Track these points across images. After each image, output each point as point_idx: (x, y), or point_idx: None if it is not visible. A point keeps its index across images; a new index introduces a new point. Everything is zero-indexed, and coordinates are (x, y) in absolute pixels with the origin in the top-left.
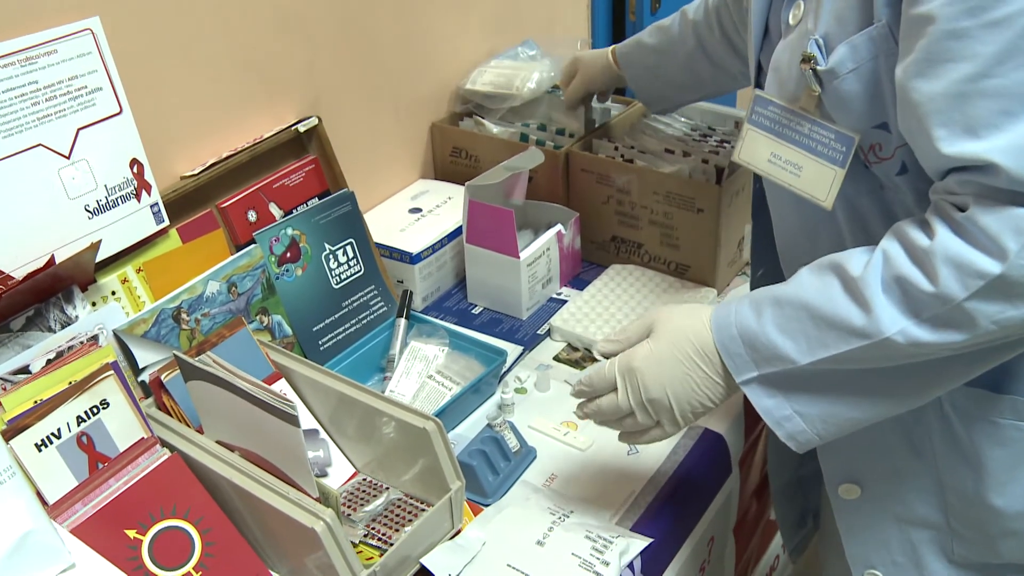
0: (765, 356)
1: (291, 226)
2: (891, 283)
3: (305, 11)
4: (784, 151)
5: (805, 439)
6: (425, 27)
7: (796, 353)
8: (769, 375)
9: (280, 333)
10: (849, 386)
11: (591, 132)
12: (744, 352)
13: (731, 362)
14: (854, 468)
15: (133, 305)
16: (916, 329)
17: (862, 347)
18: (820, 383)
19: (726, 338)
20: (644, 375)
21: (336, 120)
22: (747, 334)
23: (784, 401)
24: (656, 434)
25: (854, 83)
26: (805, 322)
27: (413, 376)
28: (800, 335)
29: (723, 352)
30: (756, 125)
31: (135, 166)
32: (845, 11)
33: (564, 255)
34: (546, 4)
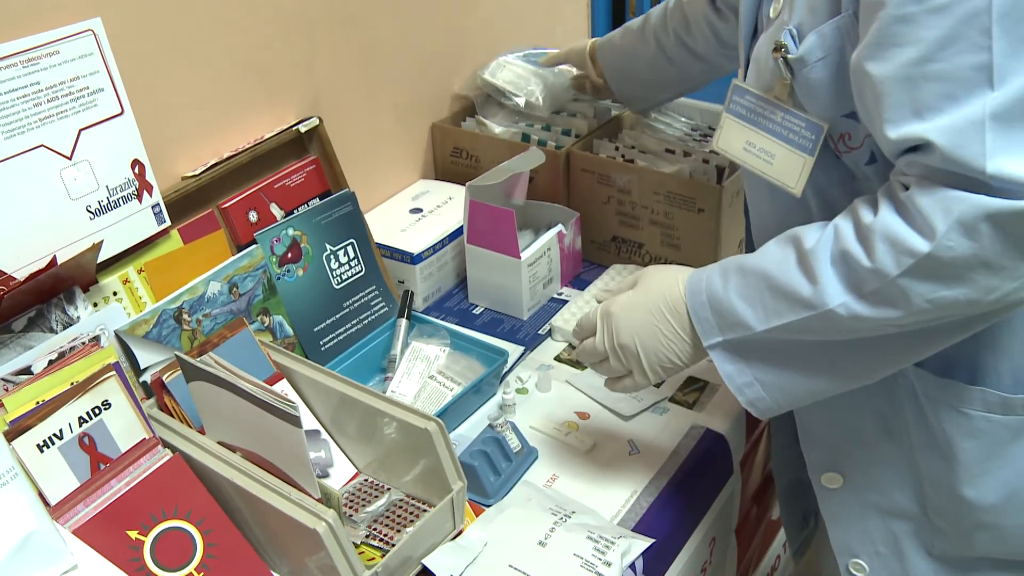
0: (728, 322)
1: (292, 226)
2: (837, 257)
3: (306, 11)
4: (758, 139)
5: (764, 406)
6: (425, 27)
7: (754, 320)
8: (732, 341)
9: (281, 333)
10: (803, 357)
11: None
12: (711, 317)
13: (699, 326)
14: (836, 457)
15: (135, 306)
16: (856, 303)
17: (809, 317)
18: (777, 352)
19: (696, 302)
20: (618, 320)
21: (337, 120)
22: (714, 299)
23: (745, 367)
24: (628, 383)
25: (822, 71)
26: (763, 290)
27: (414, 376)
28: (758, 303)
29: (692, 315)
30: (733, 114)
31: (136, 167)
32: (816, 2)
33: (565, 255)
34: (546, 5)
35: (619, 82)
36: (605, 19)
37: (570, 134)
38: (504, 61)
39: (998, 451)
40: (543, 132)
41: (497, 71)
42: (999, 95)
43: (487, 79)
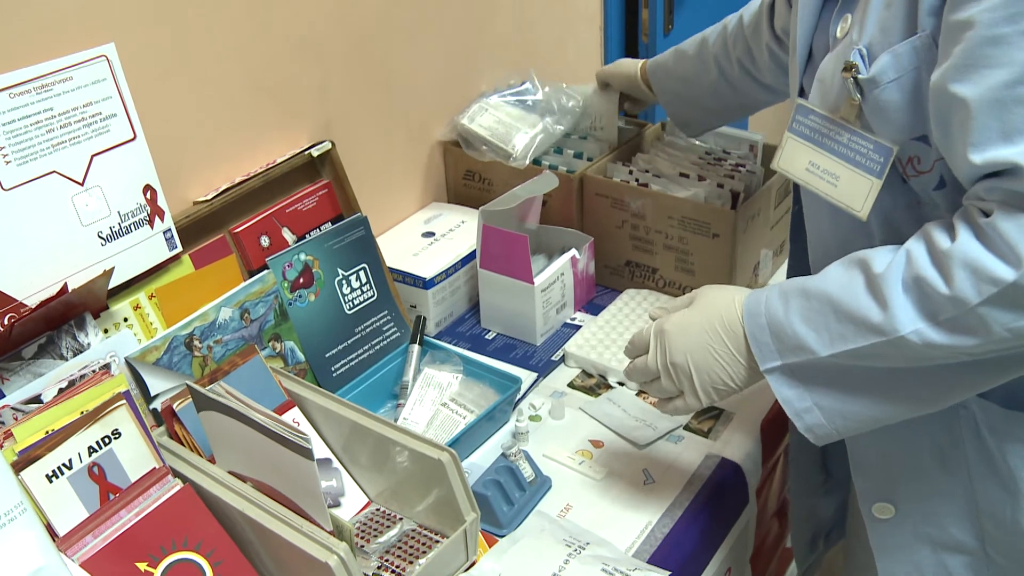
0: (789, 346)
1: (304, 251)
2: (910, 283)
3: (318, 35)
4: (822, 160)
5: (823, 432)
6: (437, 50)
7: (817, 344)
8: (792, 365)
9: (293, 359)
10: (867, 383)
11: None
12: (770, 340)
13: (757, 349)
14: (889, 488)
15: (145, 332)
16: (931, 331)
17: (878, 343)
18: (840, 377)
19: (754, 325)
20: (672, 339)
21: (349, 144)
22: (774, 323)
23: (805, 392)
24: (679, 404)
25: (895, 93)
26: (828, 315)
27: (427, 403)
28: (823, 327)
29: (750, 337)
30: (796, 134)
31: (148, 192)
32: (889, 21)
33: (578, 280)
34: (559, 25)
35: (676, 106)
36: (618, 39)
37: (582, 157)
38: (486, 104)
39: None
40: (555, 156)
41: (477, 116)
42: None
43: (466, 126)
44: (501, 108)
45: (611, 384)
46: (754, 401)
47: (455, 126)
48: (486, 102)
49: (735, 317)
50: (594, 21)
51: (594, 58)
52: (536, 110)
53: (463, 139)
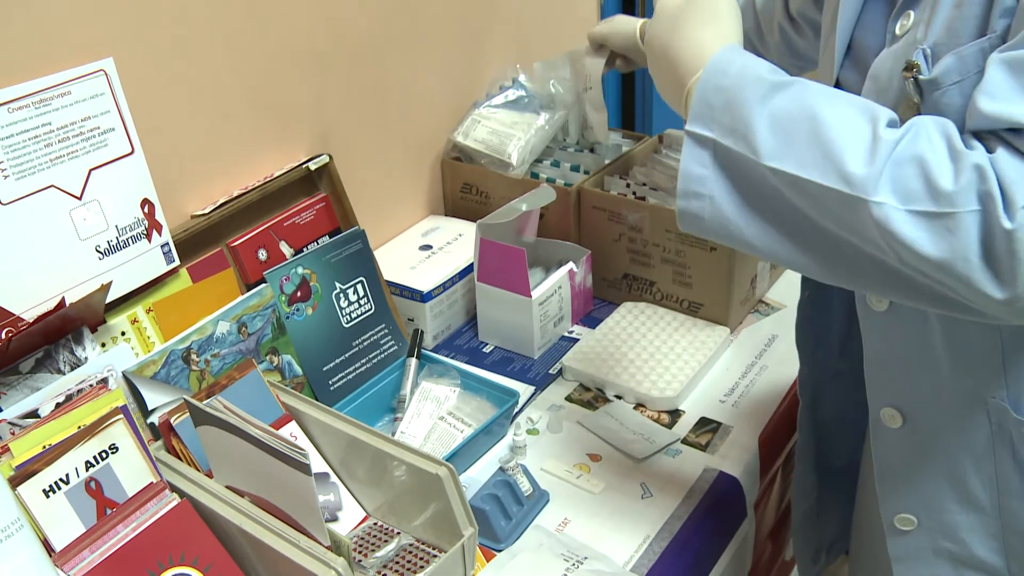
0: (734, 129)
1: (301, 265)
2: (907, 158)
3: (315, 49)
4: None
5: (695, 225)
6: (435, 62)
7: (767, 150)
8: (722, 147)
9: (290, 373)
10: (773, 212)
11: (609, 164)
12: (719, 108)
13: (698, 107)
14: (913, 499)
15: (143, 345)
16: (896, 213)
17: (832, 190)
18: (753, 188)
19: (712, 84)
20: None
21: (346, 157)
22: (736, 96)
23: (711, 178)
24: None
25: (956, 96)
26: (801, 130)
27: (424, 417)
28: (784, 137)
29: (699, 90)
30: None
31: (146, 206)
32: (958, 22)
33: (576, 293)
34: (557, 35)
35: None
36: None
37: (579, 170)
38: (478, 116)
39: None
40: (553, 169)
41: (471, 130)
42: None
43: (461, 142)
44: (493, 117)
45: (609, 397)
46: (753, 415)
47: (451, 144)
48: (478, 114)
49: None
50: None
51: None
52: (529, 108)
53: (463, 155)
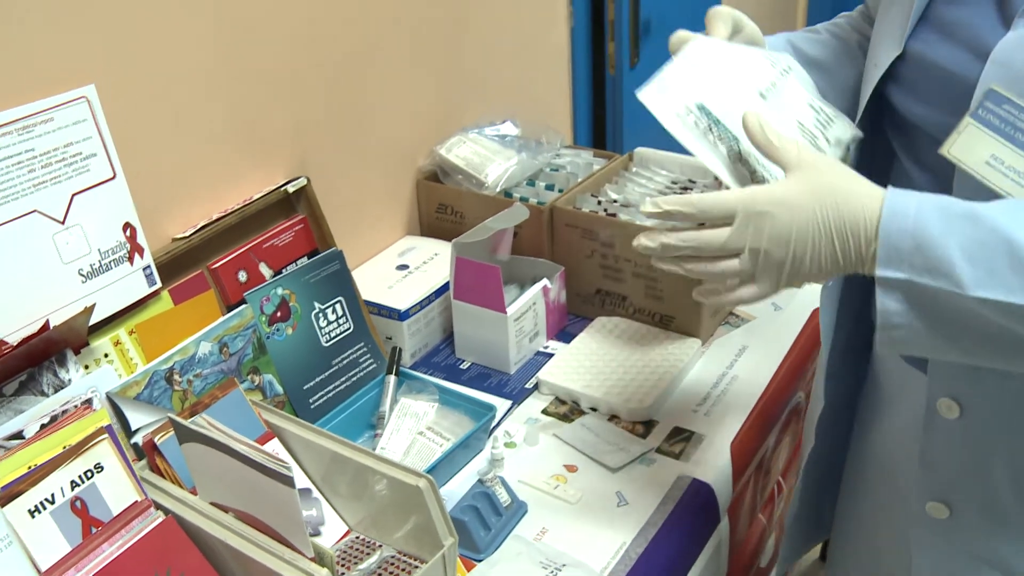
0: (930, 266)
1: (281, 286)
2: None
3: (294, 74)
4: (1010, 157)
5: (894, 350)
6: (410, 87)
7: (969, 280)
8: (918, 285)
9: (271, 392)
10: (974, 332)
11: (581, 182)
12: (908, 250)
13: (886, 252)
14: (948, 488)
15: (126, 367)
16: None
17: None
18: (953, 316)
19: (896, 227)
20: (773, 221)
21: (324, 179)
22: (923, 235)
23: (909, 312)
24: (745, 293)
25: None
26: (1000, 256)
27: (404, 432)
28: (985, 265)
29: (883, 237)
30: (982, 122)
31: (128, 230)
32: None
33: (550, 309)
34: (529, 59)
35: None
36: (585, 73)
37: (553, 189)
38: (465, 137)
39: None
40: (527, 188)
41: (455, 147)
42: None
43: (443, 155)
44: (479, 141)
45: (584, 410)
46: (725, 424)
47: (433, 155)
48: (465, 135)
49: (860, 209)
50: (562, 55)
51: (563, 90)
52: (514, 145)
53: (440, 169)
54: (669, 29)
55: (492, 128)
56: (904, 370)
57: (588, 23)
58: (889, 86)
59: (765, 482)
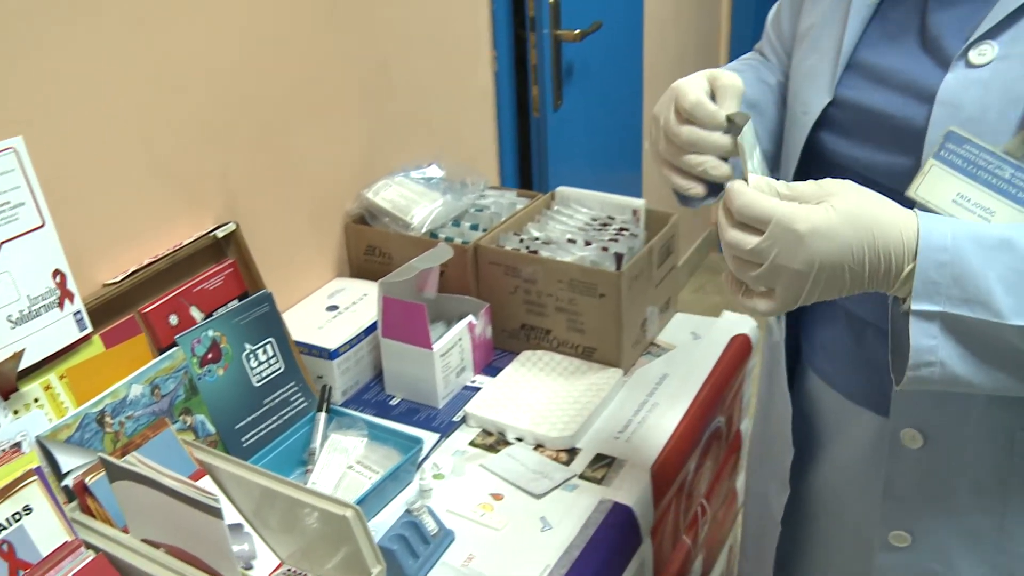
0: (967, 297)
1: (212, 328)
2: None
3: (221, 121)
4: (975, 194)
5: (919, 386)
6: (338, 131)
7: (1009, 310)
8: (954, 317)
9: (203, 432)
10: (1009, 362)
11: (504, 221)
12: (946, 283)
13: (922, 285)
14: (915, 518)
15: (56, 411)
16: None
17: None
18: (990, 346)
19: (932, 260)
20: (807, 244)
21: (254, 224)
22: (961, 266)
23: (941, 346)
24: (761, 304)
25: None
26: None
27: (334, 468)
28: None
29: (920, 271)
30: (945, 162)
31: (58, 276)
32: None
33: (476, 344)
34: (455, 103)
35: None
36: (510, 116)
37: (478, 228)
38: (391, 181)
39: None
40: (453, 228)
41: (382, 190)
42: None
43: (370, 199)
44: (405, 184)
45: (510, 440)
46: (645, 449)
47: (361, 199)
48: (391, 179)
49: (898, 240)
50: (487, 99)
51: (489, 133)
52: (439, 188)
53: (368, 212)
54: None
55: (418, 171)
56: (840, 406)
57: (511, 68)
58: (820, 132)
59: (688, 505)
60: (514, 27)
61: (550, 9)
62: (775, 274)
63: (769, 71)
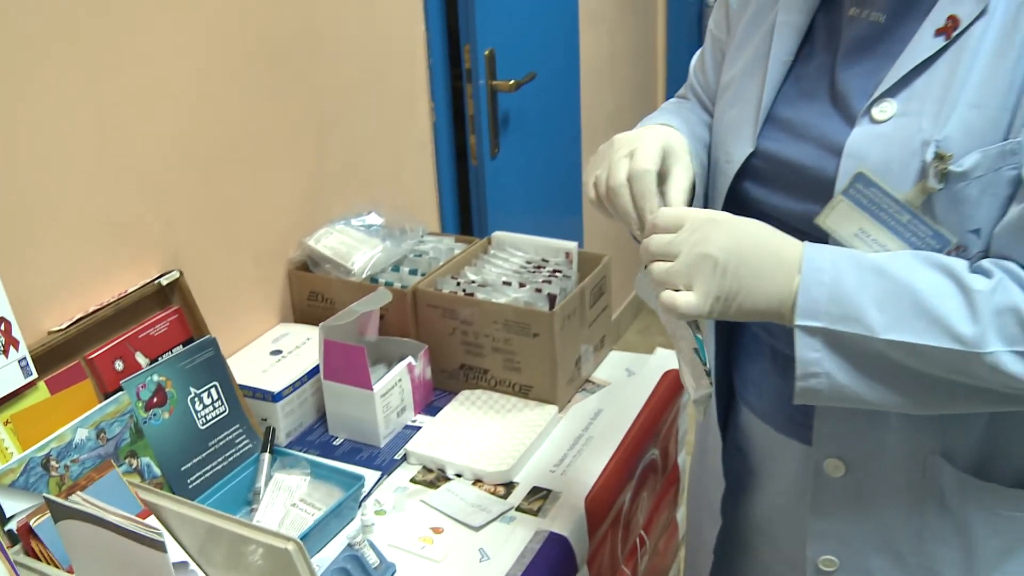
0: (844, 315)
1: (157, 373)
2: (1004, 309)
3: (165, 172)
4: (874, 230)
5: (810, 398)
6: (280, 181)
7: (880, 326)
8: (834, 332)
9: (149, 474)
10: (887, 375)
11: (441, 266)
12: (824, 301)
13: (805, 302)
14: (841, 543)
15: (1, 456)
16: (1006, 356)
17: (951, 350)
18: (867, 359)
19: (813, 279)
20: (720, 230)
21: (198, 271)
22: (839, 287)
23: (826, 359)
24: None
25: (974, 188)
26: (905, 303)
27: (278, 506)
28: (892, 311)
29: (803, 288)
30: (852, 200)
31: (2, 324)
32: (978, 122)
33: (416, 385)
34: (394, 152)
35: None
36: (449, 164)
37: (417, 273)
38: (332, 228)
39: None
40: (393, 274)
41: (323, 238)
42: None
43: (312, 246)
44: (346, 232)
45: (449, 476)
46: (580, 481)
47: (303, 246)
48: (332, 227)
49: (793, 255)
50: (425, 148)
51: (429, 181)
52: (379, 234)
53: (310, 259)
54: (527, 121)
55: (358, 219)
56: (769, 438)
57: (449, 118)
58: (743, 180)
59: (626, 535)
60: (451, 79)
61: (485, 61)
62: (694, 265)
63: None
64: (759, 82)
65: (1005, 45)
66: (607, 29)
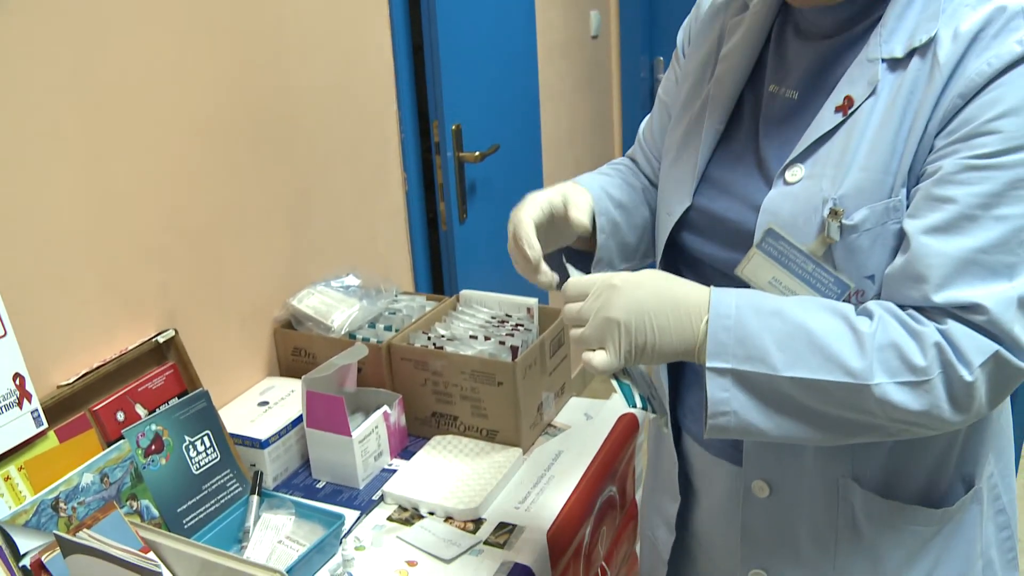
0: (749, 355)
1: (155, 423)
2: (887, 345)
3: (160, 242)
4: (785, 278)
5: (720, 434)
6: (264, 248)
7: (781, 363)
8: (741, 372)
9: (148, 515)
10: (789, 409)
11: (414, 322)
12: (731, 344)
13: (713, 346)
14: (767, 557)
15: (15, 499)
16: (890, 387)
17: (842, 383)
18: (771, 395)
19: (719, 325)
20: (618, 294)
21: (192, 330)
22: (742, 330)
23: (733, 397)
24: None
25: (866, 240)
26: (802, 342)
27: (266, 543)
28: (792, 350)
29: (711, 333)
30: (764, 252)
31: (17, 379)
32: (866, 183)
33: (392, 431)
34: (369, 220)
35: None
36: (421, 230)
37: (391, 329)
38: (313, 290)
39: (918, 554)
40: (369, 330)
41: (305, 298)
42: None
43: (295, 306)
44: (326, 292)
45: (423, 514)
46: (542, 516)
47: (287, 306)
48: (313, 288)
49: (699, 303)
50: (399, 214)
51: (402, 245)
52: (356, 294)
53: (294, 317)
54: (492, 189)
55: (337, 281)
56: (706, 460)
57: (420, 186)
58: (681, 231)
59: (588, 567)
60: (421, 151)
61: (452, 135)
62: (601, 328)
63: (635, 176)
64: (696, 147)
65: (888, 120)
66: (566, 103)
